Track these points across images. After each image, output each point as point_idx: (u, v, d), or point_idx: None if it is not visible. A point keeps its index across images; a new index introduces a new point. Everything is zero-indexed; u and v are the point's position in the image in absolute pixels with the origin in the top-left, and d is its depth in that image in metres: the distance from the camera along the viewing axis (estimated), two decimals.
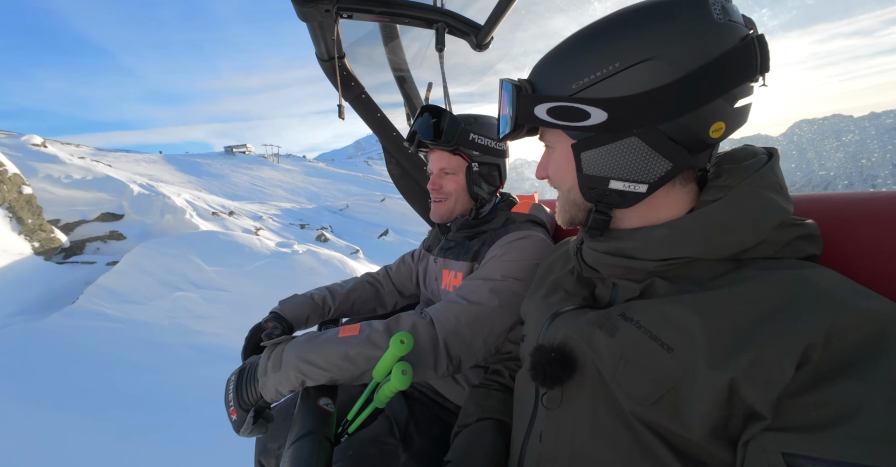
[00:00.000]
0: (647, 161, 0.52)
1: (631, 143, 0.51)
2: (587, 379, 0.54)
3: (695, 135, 0.50)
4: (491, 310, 0.87)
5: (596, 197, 0.56)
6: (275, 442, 1.02)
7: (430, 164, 1.13)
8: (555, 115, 0.53)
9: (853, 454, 0.34)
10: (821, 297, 0.41)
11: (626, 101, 0.49)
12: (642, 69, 0.48)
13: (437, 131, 1.05)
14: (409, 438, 0.92)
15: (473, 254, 1.04)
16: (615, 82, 0.49)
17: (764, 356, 0.40)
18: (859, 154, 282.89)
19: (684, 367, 0.45)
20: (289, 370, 0.77)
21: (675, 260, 0.52)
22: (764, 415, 0.39)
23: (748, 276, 0.47)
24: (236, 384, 0.80)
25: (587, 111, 0.51)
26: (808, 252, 0.51)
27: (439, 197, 1.12)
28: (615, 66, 0.48)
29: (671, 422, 0.45)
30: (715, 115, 0.49)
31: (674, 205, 0.56)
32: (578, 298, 0.66)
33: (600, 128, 0.51)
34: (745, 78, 0.48)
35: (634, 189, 0.53)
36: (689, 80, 0.47)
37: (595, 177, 0.55)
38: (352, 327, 0.83)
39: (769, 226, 0.49)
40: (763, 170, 0.52)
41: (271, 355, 0.80)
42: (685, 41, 0.47)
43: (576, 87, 0.51)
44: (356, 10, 1.08)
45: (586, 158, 0.55)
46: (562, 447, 0.55)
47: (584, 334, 0.55)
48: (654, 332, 0.48)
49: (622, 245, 0.56)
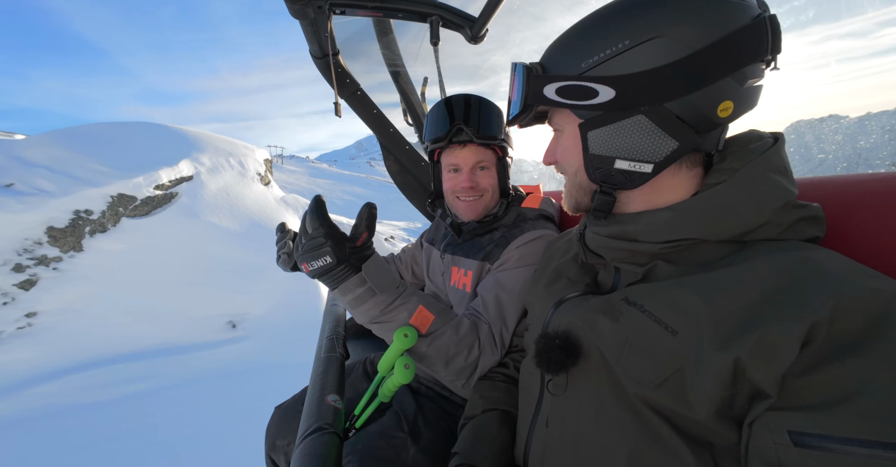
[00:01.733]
0: (654, 140, 0.52)
1: (637, 122, 0.51)
2: (592, 365, 0.54)
3: (702, 114, 0.50)
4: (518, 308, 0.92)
5: (601, 177, 0.56)
6: (284, 438, 1.03)
7: (454, 159, 1.02)
8: (563, 95, 0.54)
9: (859, 430, 0.34)
10: (826, 277, 0.41)
11: (633, 78, 0.49)
12: (650, 46, 0.48)
13: (487, 125, 0.99)
14: (418, 431, 0.92)
15: (486, 254, 1.01)
16: (623, 60, 0.49)
17: (769, 335, 0.39)
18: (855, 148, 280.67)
19: (689, 349, 0.45)
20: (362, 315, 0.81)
21: (679, 242, 0.52)
22: (769, 394, 0.39)
23: (751, 257, 0.47)
24: (320, 272, 0.75)
25: (595, 89, 0.51)
26: (812, 234, 0.50)
27: (476, 194, 1.03)
28: (624, 44, 0.48)
29: (676, 404, 0.45)
30: (723, 94, 0.49)
31: (678, 188, 0.56)
32: (581, 285, 0.66)
33: (608, 106, 0.51)
34: (755, 57, 0.48)
35: (640, 169, 0.53)
36: (698, 57, 0.47)
37: (601, 156, 0.55)
38: (425, 319, 0.82)
39: (773, 207, 0.49)
40: (768, 153, 0.52)
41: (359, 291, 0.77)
42: (694, 19, 0.47)
43: (585, 67, 0.51)
44: (349, 6, 1.07)
45: (593, 137, 0.55)
46: (568, 432, 0.56)
47: (589, 320, 0.56)
48: (658, 316, 0.48)
49: (626, 228, 0.56)
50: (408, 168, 1.48)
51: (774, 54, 0.49)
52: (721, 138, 0.54)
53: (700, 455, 0.44)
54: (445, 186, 1.07)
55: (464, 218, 1.06)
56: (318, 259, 0.72)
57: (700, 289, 0.47)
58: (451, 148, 1.03)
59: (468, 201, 1.03)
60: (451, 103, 1.00)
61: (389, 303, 0.79)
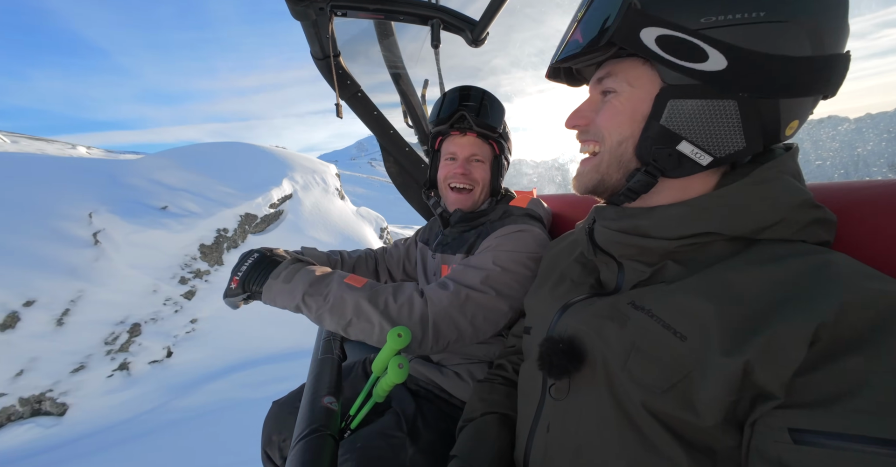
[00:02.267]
0: (729, 133, 0.47)
1: (727, 107, 0.46)
2: (595, 372, 0.53)
3: (777, 125, 0.47)
4: (482, 297, 0.87)
5: (655, 156, 0.51)
6: (280, 434, 1.04)
7: (452, 147, 1.07)
8: (664, 46, 0.45)
9: (859, 427, 0.34)
10: (835, 279, 0.40)
11: (753, 56, 0.43)
12: (784, 29, 0.43)
13: (487, 115, 1.02)
14: (417, 432, 0.92)
15: (469, 246, 1.03)
16: (750, 32, 0.43)
17: (778, 338, 0.39)
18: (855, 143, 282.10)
19: (697, 355, 0.44)
20: (294, 290, 0.82)
21: (692, 237, 0.50)
22: (776, 395, 0.39)
23: (761, 260, 0.46)
24: (252, 266, 0.88)
25: (707, 52, 0.44)
26: (822, 238, 0.49)
27: (466, 184, 1.06)
28: (759, 15, 0.43)
29: (682, 411, 0.44)
30: (799, 112, 0.47)
31: (699, 186, 0.53)
32: (585, 286, 0.63)
33: (709, 77, 0.45)
34: (837, 85, 0.46)
35: (698, 158, 0.49)
36: (815, 64, 0.43)
37: (670, 132, 0.49)
38: (358, 279, 0.87)
39: (790, 204, 0.47)
40: (783, 157, 0.51)
41: (290, 267, 0.86)
42: (831, 24, 0.43)
43: (704, 22, 0.44)
44: (350, 8, 1.07)
45: (672, 108, 0.48)
46: (569, 437, 0.55)
47: (595, 326, 0.54)
48: (666, 320, 0.47)
49: (638, 222, 0.54)
50: (407, 170, 1.48)
51: (833, 93, 0.46)
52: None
53: (702, 463, 0.44)
54: (440, 174, 1.10)
55: (454, 206, 1.08)
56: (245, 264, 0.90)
57: (709, 294, 0.46)
58: (452, 136, 1.06)
59: (459, 191, 1.06)
60: (457, 91, 1.04)
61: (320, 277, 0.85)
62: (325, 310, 0.81)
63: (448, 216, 1.11)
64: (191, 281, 6.97)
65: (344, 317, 0.81)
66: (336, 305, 0.81)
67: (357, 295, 0.82)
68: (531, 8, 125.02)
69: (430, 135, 1.10)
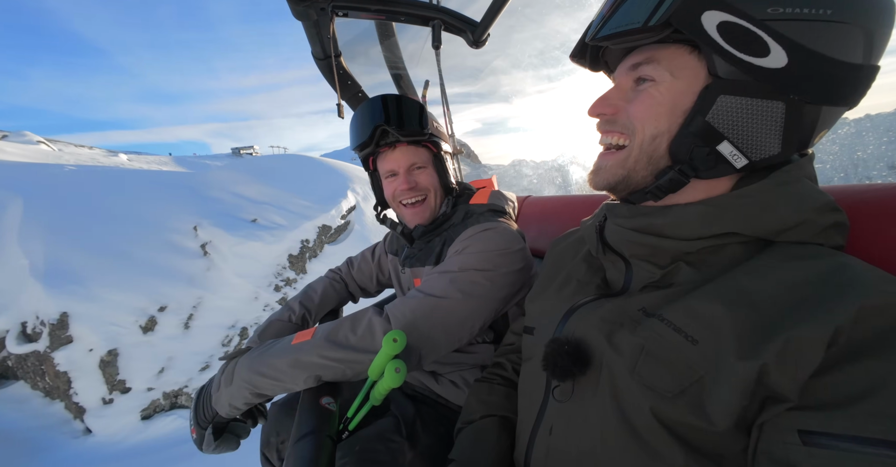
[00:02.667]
0: (770, 136, 0.41)
1: (774, 109, 0.40)
2: (600, 376, 0.47)
3: (811, 133, 0.42)
4: (451, 302, 0.75)
5: (691, 155, 0.43)
6: (277, 435, 0.93)
7: (388, 165, 0.90)
8: (726, 35, 0.38)
9: (868, 429, 0.31)
10: (851, 282, 0.36)
11: (814, 57, 0.38)
12: (846, 32, 0.37)
13: (409, 120, 0.86)
14: (416, 436, 0.82)
15: (437, 256, 0.89)
16: (815, 30, 0.37)
17: (795, 341, 0.35)
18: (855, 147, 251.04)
19: (710, 359, 0.39)
20: (241, 383, 0.68)
21: (711, 239, 0.44)
22: (789, 398, 0.35)
23: (778, 262, 0.41)
24: (195, 403, 0.72)
25: (770, 46, 0.37)
26: (837, 242, 0.45)
27: (417, 196, 0.90)
28: (827, 12, 0.37)
29: (692, 416, 0.40)
30: (831, 121, 0.42)
31: (718, 186, 0.47)
32: (592, 287, 0.57)
33: (766, 75, 0.38)
34: (858, 99, 0.41)
35: (734, 160, 0.42)
36: (863, 72, 0.39)
37: (714, 130, 0.42)
38: (306, 332, 0.73)
39: (812, 206, 0.43)
40: (802, 161, 0.46)
41: (225, 370, 0.72)
42: (884, 30, 0.39)
43: (772, 13, 0.37)
44: (352, 9, 0.98)
45: (721, 104, 0.41)
46: (572, 441, 0.49)
47: (605, 331, 0.48)
48: (677, 324, 0.42)
49: (652, 221, 0.47)
50: None
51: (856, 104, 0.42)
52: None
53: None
54: (387, 193, 0.94)
55: (415, 222, 0.92)
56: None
57: (723, 298, 0.41)
58: (383, 152, 0.91)
59: (412, 205, 0.91)
60: (369, 106, 0.88)
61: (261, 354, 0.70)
62: (287, 383, 0.68)
63: (409, 232, 0.96)
64: (283, 288, 6.94)
65: (311, 371, 0.68)
66: (295, 373, 0.68)
67: (312, 346, 0.69)
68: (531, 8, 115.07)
69: (361, 158, 0.95)
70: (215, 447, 0.69)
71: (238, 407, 0.67)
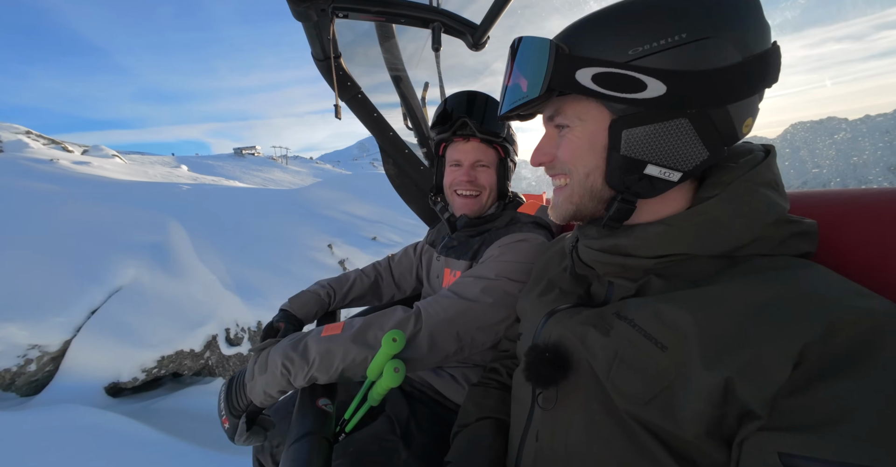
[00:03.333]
0: (690, 147, 0.44)
1: (679, 126, 0.43)
2: (582, 379, 0.49)
3: (733, 127, 0.44)
4: (481, 307, 0.78)
5: (626, 183, 0.47)
6: (272, 440, 0.93)
7: (456, 154, 0.96)
8: (602, 83, 0.43)
9: (849, 454, 0.31)
10: (818, 296, 0.37)
11: (688, 76, 0.41)
12: (708, 45, 0.41)
13: (489, 120, 0.91)
14: (410, 436, 0.83)
15: (473, 253, 0.93)
16: (678, 55, 0.41)
17: (760, 355, 0.36)
18: (851, 152, 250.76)
19: (678, 366, 0.40)
20: (274, 371, 0.69)
21: (670, 257, 0.47)
22: (759, 415, 0.36)
23: (743, 274, 0.43)
24: (227, 392, 0.73)
25: (643, 82, 0.41)
26: (803, 249, 0.46)
27: (473, 190, 0.95)
28: (682, 37, 0.40)
29: (665, 421, 0.41)
30: (749, 110, 0.44)
31: (675, 201, 0.49)
32: (573, 296, 0.59)
33: (654, 103, 0.42)
34: (774, 79, 0.44)
35: (668, 177, 0.45)
36: (746, 67, 0.41)
37: (633, 159, 0.45)
38: (335, 325, 0.75)
39: (764, 222, 0.44)
40: (759, 168, 0.47)
41: (258, 359, 0.73)
42: (750, 27, 0.42)
43: (633, 54, 0.42)
44: (352, 10, 0.97)
45: (629, 137, 0.45)
46: (558, 446, 0.50)
47: (579, 333, 0.50)
48: (648, 331, 0.44)
49: (618, 242, 0.50)
50: (406, 171, 1.40)
51: (774, 82, 0.45)
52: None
53: None
54: (446, 181, 1.00)
55: (462, 211, 0.97)
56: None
57: (690, 306, 0.42)
58: (455, 142, 0.96)
59: (465, 197, 0.96)
60: (458, 97, 0.94)
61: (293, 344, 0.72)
62: (318, 373, 0.69)
63: (455, 220, 1.01)
64: None
65: (335, 368, 0.69)
66: (325, 364, 0.69)
67: (342, 340, 0.71)
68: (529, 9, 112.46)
69: (433, 142, 1.01)
70: (246, 438, 0.69)
71: (272, 395, 0.68)
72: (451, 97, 0.96)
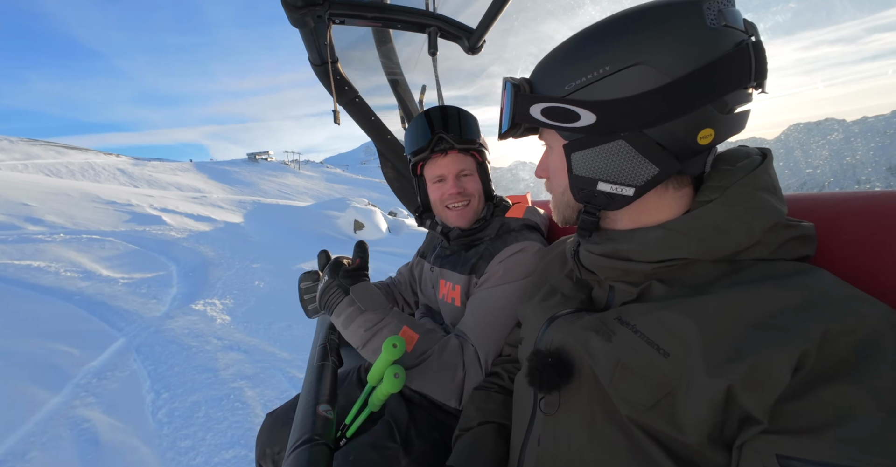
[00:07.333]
0: (634, 165, 0.47)
1: (618, 146, 0.47)
2: (584, 384, 0.50)
3: (682, 141, 0.45)
4: (505, 319, 0.85)
5: (585, 197, 0.53)
6: (274, 446, 0.93)
7: (438, 170, 0.96)
8: (548, 115, 0.50)
9: (847, 457, 0.32)
10: (816, 302, 0.38)
11: (613, 104, 0.45)
12: (630, 73, 0.44)
13: (465, 130, 0.94)
14: (410, 442, 0.83)
15: (471, 268, 0.94)
16: (604, 86, 0.45)
17: (762, 362, 0.37)
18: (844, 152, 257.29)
19: (680, 372, 0.41)
20: (347, 326, 0.82)
21: (671, 261, 0.47)
22: (760, 420, 0.36)
23: (744, 280, 0.43)
24: (323, 291, 0.87)
25: (577, 113, 0.47)
26: (802, 253, 0.47)
27: (463, 200, 0.96)
28: (605, 69, 0.45)
29: (667, 427, 0.42)
30: (703, 122, 0.44)
31: (666, 207, 0.51)
32: (575, 301, 0.60)
33: (589, 130, 0.48)
34: (737, 85, 0.43)
35: (622, 192, 0.49)
36: (676, 86, 0.43)
37: (584, 177, 0.51)
38: (413, 334, 0.81)
39: (763, 227, 0.45)
40: (756, 172, 0.48)
41: (350, 308, 0.83)
42: (674, 47, 0.43)
43: (568, 89, 0.48)
44: (348, 16, 0.98)
45: (576, 159, 0.51)
46: (560, 451, 0.51)
47: (581, 339, 0.51)
48: (650, 337, 0.44)
49: (618, 246, 0.52)
50: (404, 174, 1.40)
51: (760, 80, 0.44)
52: (707, 161, 0.50)
53: None
54: (433, 197, 1.00)
55: (460, 224, 0.98)
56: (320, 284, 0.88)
57: (692, 312, 0.43)
58: (433, 158, 0.96)
59: (458, 208, 0.96)
60: (429, 115, 0.95)
61: (376, 322, 0.81)
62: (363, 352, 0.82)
63: (449, 231, 1.02)
64: None
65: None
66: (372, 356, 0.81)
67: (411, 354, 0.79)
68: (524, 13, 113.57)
69: (410, 163, 1.00)
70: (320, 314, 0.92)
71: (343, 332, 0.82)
72: (418, 118, 0.95)
